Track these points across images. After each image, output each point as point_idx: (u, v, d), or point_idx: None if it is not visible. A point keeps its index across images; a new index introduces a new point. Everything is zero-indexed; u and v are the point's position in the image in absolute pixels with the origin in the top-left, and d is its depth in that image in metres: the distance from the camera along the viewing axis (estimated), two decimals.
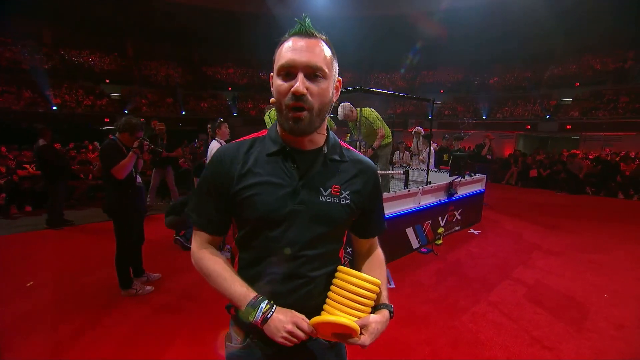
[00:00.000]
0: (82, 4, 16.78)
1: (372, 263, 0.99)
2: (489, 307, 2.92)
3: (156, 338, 2.41)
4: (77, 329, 2.49)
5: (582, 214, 6.81)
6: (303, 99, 0.74)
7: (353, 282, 0.80)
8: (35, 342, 2.34)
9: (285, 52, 0.76)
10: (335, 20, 19.34)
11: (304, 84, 0.74)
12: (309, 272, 0.85)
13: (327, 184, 0.85)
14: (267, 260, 0.85)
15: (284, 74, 0.76)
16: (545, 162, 10.65)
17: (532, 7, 16.17)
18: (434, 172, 5.68)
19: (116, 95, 19.38)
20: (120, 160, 2.75)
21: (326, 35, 0.81)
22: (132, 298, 2.96)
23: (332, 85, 0.81)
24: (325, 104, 0.80)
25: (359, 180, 0.90)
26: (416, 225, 4.25)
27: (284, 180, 0.82)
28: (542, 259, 4.14)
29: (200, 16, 18.91)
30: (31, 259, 3.88)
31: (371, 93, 3.93)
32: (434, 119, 17.43)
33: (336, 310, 0.79)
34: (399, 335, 2.48)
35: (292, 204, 0.81)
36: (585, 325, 2.66)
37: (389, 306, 0.87)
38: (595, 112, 15.85)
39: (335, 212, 0.85)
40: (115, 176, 2.75)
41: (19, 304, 2.84)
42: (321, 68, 0.75)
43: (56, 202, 5.16)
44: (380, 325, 0.81)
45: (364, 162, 0.93)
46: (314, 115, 0.77)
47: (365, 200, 0.91)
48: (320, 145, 0.87)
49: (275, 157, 0.84)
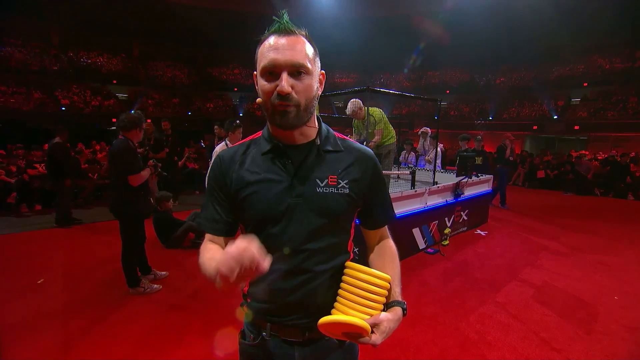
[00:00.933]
0: (90, 7, 17.00)
1: (384, 258, 0.95)
2: (496, 308, 2.90)
3: (167, 336, 2.43)
4: (86, 326, 2.53)
5: (590, 215, 6.73)
6: (289, 98, 0.75)
7: (362, 279, 0.78)
8: (45, 338, 2.38)
9: (267, 52, 0.76)
10: (340, 21, 19.36)
11: (288, 82, 0.75)
12: (314, 266, 0.84)
13: (323, 175, 0.84)
14: (271, 257, 0.83)
15: (268, 73, 0.77)
16: (552, 162, 10.55)
17: (538, 7, 16.02)
18: (441, 172, 5.66)
19: (123, 95, 19.60)
20: (137, 165, 2.79)
21: (306, 30, 0.81)
22: (142, 296, 2.99)
23: (315, 80, 0.82)
24: (311, 98, 0.80)
25: (357, 168, 0.88)
26: (423, 226, 4.24)
27: (280, 176, 0.83)
28: (550, 260, 4.09)
29: (206, 17, 19.03)
30: (42, 257, 3.94)
31: (378, 93, 3.93)
32: (440, 119, 17.39)
33: (347, 309, 0.77)
34: (406, 335, 2.47)
35: (289, 198, 0.82)
36: (595, 328, 2.63)
37: (402, 303, 0.84)
38: (604, 113, 15.66)
39: (334, 202, 0.84)
40: (130, 183, 2.76)
41: (29, 300, 2.89)
42: (304, 65, 0.76)
43: (64, 200, 5.23)
44: (392, 323, 0.78)
45: (360, 150, 0.92)
46: (301, 111, 0.78)
47: (365, 188, 0.89)
48: (312, 138, 0.87)
49: (269, 155, 0.85)
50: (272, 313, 0.87)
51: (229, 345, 2.25)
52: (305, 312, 0.85)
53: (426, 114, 20.11)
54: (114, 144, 2.84)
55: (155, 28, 20.10)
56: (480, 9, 17.08)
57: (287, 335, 0.87)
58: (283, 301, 0.85)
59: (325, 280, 0.85)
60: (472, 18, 17.31)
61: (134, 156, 2.80)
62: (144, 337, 2.41)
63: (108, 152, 2.98)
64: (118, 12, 17.80)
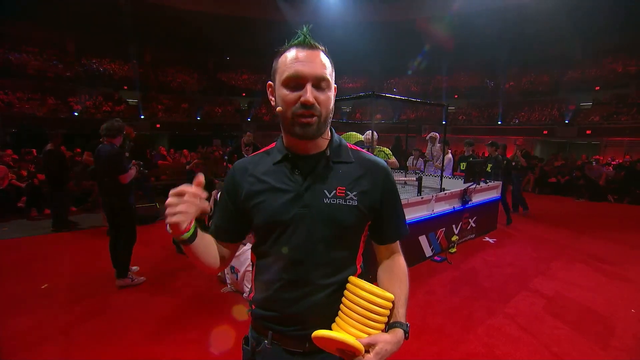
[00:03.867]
0: (103, 16, 17.45)
1: (393, 276, 0.92)
2: (505, 320, 2.80)
3: (169, 341, 2.41)
4: (87, 331, 2.52)
5: (604, 222, 6.53)
6: (312, 108, 0.77)
7: (362, 296, 0.75)
8: (47, 346, 2.38)
9: (291, 63, 0.78)
10: (348, 26, 19.42)
11: (312, 94, 0.77)
12: (318, 279, 0.83)
13: (331, 185, 0.84)
14: (275, 266, 0.85)
15: (293, 85, 0.78)
16: (563, 168, 10.31)
17: (547, 11, 15.77)
18: (449, 178, 5.56)
19: (133, 101, 19.96)
20: (126, 166, 3.20)
21: (324, 46, 0.84)
22: (144, 299, 2.99)
23: (333, 94, 0.85)
24: (330, 111, 0.83)
25: (367, 180, 0.87)
26: (429, 233, 4.16)
27: (289, 185, 0.84)
28: (563, 270, 3.96)
29: (215, 24, 19.32)
30: (49, 261, 3.98)
31: (383, 98, 3.90)
32: (448, 124, 17.22)
33: (346, 325, 0.75)
34: (410, 347, 2.39)
35: (296, 207, 0.82)
36: (612, 343, 2.51)
37: (404, 325, 0.80)
38: (617, 117, 15.29)
39: (341, 214, 0.83)
40: (121, 181, 3.15)
41: (35, 304, 2.91)
42: (327, 79, 0.79)
43: (59, 206, 5.29)
44: (390, 346, 0.75)
45: (372, 162, 0.91)
46: (322, 122, 0.81)
47: (375, 201, 0.88)
48: (323, 148, 0.88)
49: (280, 165, 0.87)
50: (274, 322, 0.87)
51: (234, 350, 2.22)
52: (305, 325, 0.83)
53: (434, 118, 19.93)
54: (102, 149, 3.18)
55: (166, 35, 20.48)
56: (489, 13, 16.93)
57: (288, 345, 0.87)
58: (285, 311, 0.85)
59: (329, 293, 0.84)
60: (481, 22, 17.15)
61: (123, 158, 3.22)
62: (145, 342, 2.40)
63: (97, 157, 3.21)
64: (130, 20, 18.22)
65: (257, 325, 0.91)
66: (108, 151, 3.13)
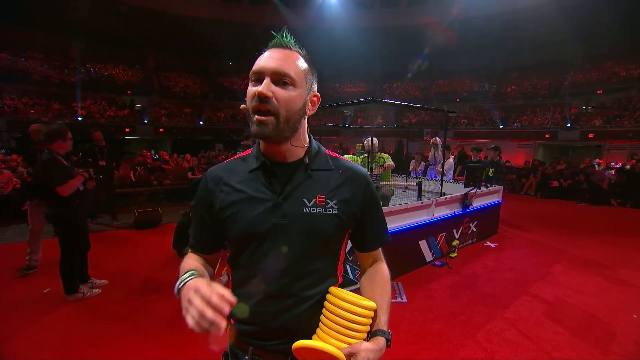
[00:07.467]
0: (107, 22, 17.71)
1: (374, 283, 0.91)
2: (505, 325, 2.79)
3: (171, 345, 2.42)
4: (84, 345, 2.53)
5: (606, 226, 6.49)
6: (267, 102, 0.74)
7: (343, 307, 0.75)
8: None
9: (258, 61, 0.78)
10: (350, 31, 19.52)
11: (269, 87, 0.75)
12: (301, 291, 0.81)
13: (311, 194, 0.81)
14: (255, 278, 0.82)
15: (255, 79, 0.78)
16: (565, 172, 10.27)
17: (547, 15, 15.82)
18: (449, 182, 5.57)
19: (137, 106, 20.15)
20: (63, 177, 2.77)
21: (305, 51, 0.83)
22: (145, 304, 3.00)
23: (304, 97, 0.80)
24: (294, 112, 0.78)
25: (347, 188, 0.85)
26: (430, 238, 4.15)
27: (266, 194, 0.81)
28: (563, 274, 3.94)
29: (217, 29, 19.54)
30: (51, 265, 3.99)
31: (383, 104, 3.93)
32: (450, 128, 17.19)
33: (326, 336, 0.74)
34: (409, 352, 2.40)
35: (274, 218, 0.79)
36: (612, 348, 2.50)
37: (386, 333, 0.79)
38: (620, 120, 15.24)
39: (322, 223, 0.80)
40: (60, 193, 2.76)
41: (37, 308, 2.94)
42: (289, 75, 0.76)
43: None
44: (372, 354, 0.73)
45: (352, 169, 0.88)
46: (281, 122, 0.76)
47: (356, 209, 0.85)
48: (301, 156, 0.85)
49: (256, 173, 0.84)
50: (255, 337, 0.85)
51: None
52: (289, 338, 0.80)
53: (436, 122, 19.94)
54: (41, 157, 2.84)
55: (168, 40, 20.74)
56: (491, 17, 17.00)
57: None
58: (266, 325, 0.82)
59: (311, 305, 0.82)
60: (482, 27, 17.24)
61: (58, 168, 2.79)
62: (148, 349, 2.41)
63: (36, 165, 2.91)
64: (133, 26, 18.46)
65: (236, 340, 0.87)
66: (42, 159, 2.82)
